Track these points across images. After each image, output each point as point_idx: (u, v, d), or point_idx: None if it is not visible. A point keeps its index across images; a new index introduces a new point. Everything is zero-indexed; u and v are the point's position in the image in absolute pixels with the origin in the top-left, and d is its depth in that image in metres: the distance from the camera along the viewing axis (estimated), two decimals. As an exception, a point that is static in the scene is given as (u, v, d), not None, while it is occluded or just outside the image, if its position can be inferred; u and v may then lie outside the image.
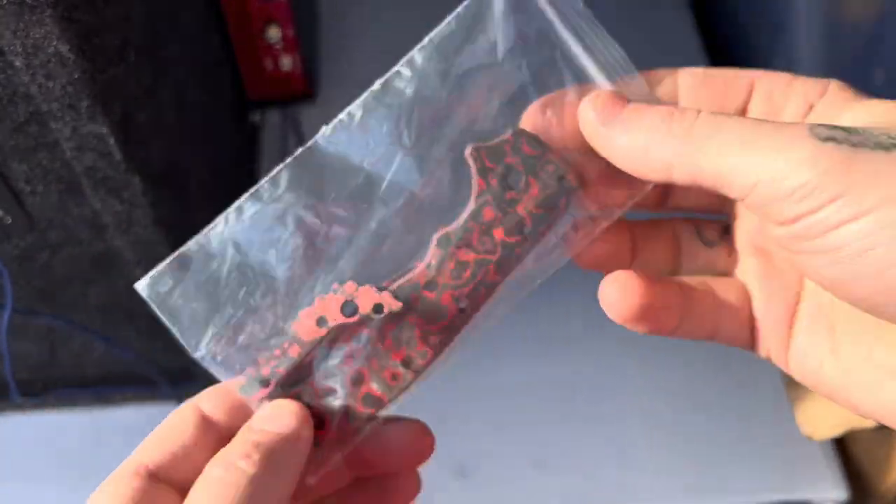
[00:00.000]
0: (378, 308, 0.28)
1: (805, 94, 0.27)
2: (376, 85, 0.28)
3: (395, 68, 0.28)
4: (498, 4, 0.29)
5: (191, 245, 0.31)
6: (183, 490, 0.26)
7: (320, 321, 0.29)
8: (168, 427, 0.28)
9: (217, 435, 0.29)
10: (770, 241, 0.28)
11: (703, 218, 0.31)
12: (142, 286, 0.31)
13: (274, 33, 0.70)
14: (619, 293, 0.27)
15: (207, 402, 0.30)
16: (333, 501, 0.32)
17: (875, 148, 0.22)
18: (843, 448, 0.67)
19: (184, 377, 0.66)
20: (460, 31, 0.29)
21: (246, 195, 0.29)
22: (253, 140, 0.82)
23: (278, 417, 0.28)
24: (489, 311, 0.30)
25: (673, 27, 0.93)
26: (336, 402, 0.30)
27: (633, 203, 0.29)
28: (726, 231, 0.30)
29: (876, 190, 0.22)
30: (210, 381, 0.64)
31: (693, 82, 0.29)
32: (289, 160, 0.28)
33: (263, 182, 0.28)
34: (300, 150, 0.28)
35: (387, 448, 0.32)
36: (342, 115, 0.28)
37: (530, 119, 0.28)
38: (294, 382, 0.29)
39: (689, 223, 0.30)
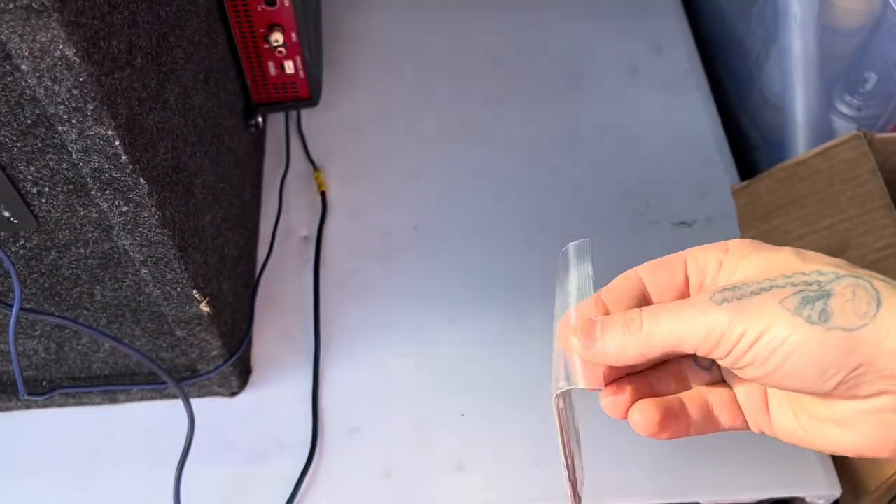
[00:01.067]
0: None
1: (716, 255, 0.39)
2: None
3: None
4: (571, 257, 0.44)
5: None
6: None
7: None
8: None
9: None
10: None
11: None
12: None
13: (277, 38, 0.71)
14: (641, 416, 0.40)
15: None
16: None
17: (751, 295, 0.36)
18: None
19: (188, 375, 0.67)
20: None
21: None
22: (257, 142, 0.83)
23: None
24: None
25: (668, 34, 0.94)
26: None
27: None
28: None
29: (760, 321, 0.35)
30: (210, 379, 0.65)
31: (649, 272, 0.41)
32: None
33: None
34: None
35: None
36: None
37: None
38: None
39: (688, 358, 0.43)
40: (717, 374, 0.43)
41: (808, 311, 0.34)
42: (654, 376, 0.42)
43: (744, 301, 0.35)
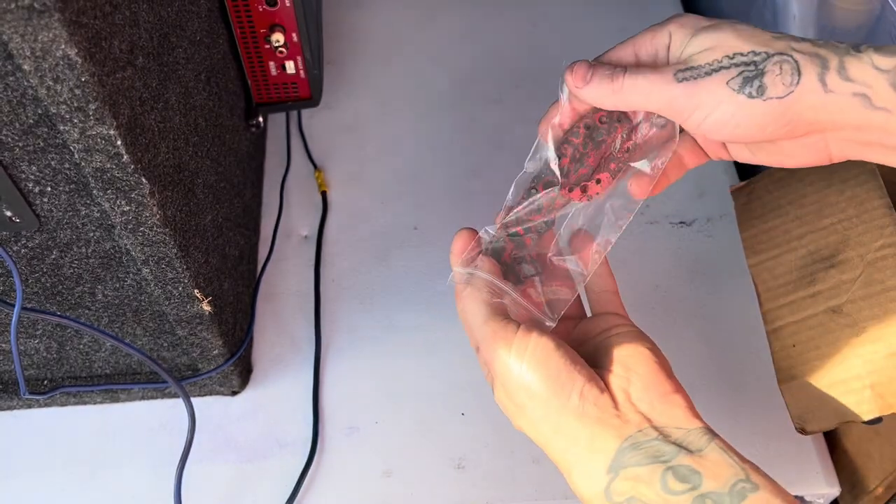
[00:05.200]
0: None
1: (663, 40, 0.47)
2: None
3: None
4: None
5: None
6: None
7: None
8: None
9: None
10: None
11: None
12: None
13: (278, 38, 0.71)
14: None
15: None
16: None
17: (705, 76, 0.44)
18: (835, 443, 0.68)
19: (189, 374, 0.67)
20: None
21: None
22: (258, 142, 0.83)
23: None
24: None
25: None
26: None
27: None
28: None
29: (712, 99, 0.44)
30: (211, 378, 0.65)
31: (616, 59, 0.49)
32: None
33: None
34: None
35: None
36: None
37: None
38: None
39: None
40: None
41: (749, 88, 0.43)
42: None
43: (699, 81, 0.44)
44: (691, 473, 0.42)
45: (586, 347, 0.49)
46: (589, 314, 0.55)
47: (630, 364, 0.47)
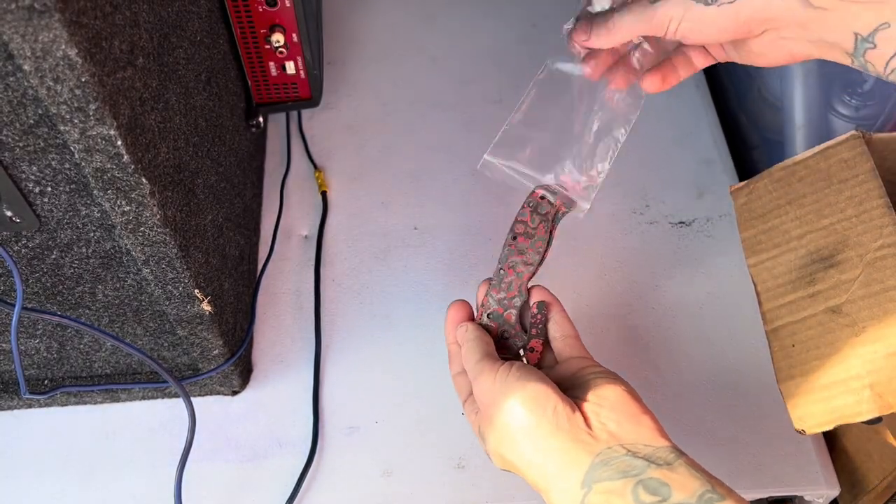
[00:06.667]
0: None
1: None
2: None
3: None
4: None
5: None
6: None
7: None
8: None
9: None
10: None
11: None
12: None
13: (278, 38, 0.71)
14: (650, 79, 0.59)
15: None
16: None
17: None
18: (834, 443, 0.68)
19: (189, 374, 0.67)
20: None
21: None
22: (258, 143, 0.83)
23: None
24: None
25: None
26: None
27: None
28: None
29: (680, 8, 0.51)
30: (212, 378, 0.65)
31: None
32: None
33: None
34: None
35: None
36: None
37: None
38: None
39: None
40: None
41: None
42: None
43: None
44: (661, 486, 0.44)
45: (561, 388, 0.52)
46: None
47: (601, 392, 0.50)
